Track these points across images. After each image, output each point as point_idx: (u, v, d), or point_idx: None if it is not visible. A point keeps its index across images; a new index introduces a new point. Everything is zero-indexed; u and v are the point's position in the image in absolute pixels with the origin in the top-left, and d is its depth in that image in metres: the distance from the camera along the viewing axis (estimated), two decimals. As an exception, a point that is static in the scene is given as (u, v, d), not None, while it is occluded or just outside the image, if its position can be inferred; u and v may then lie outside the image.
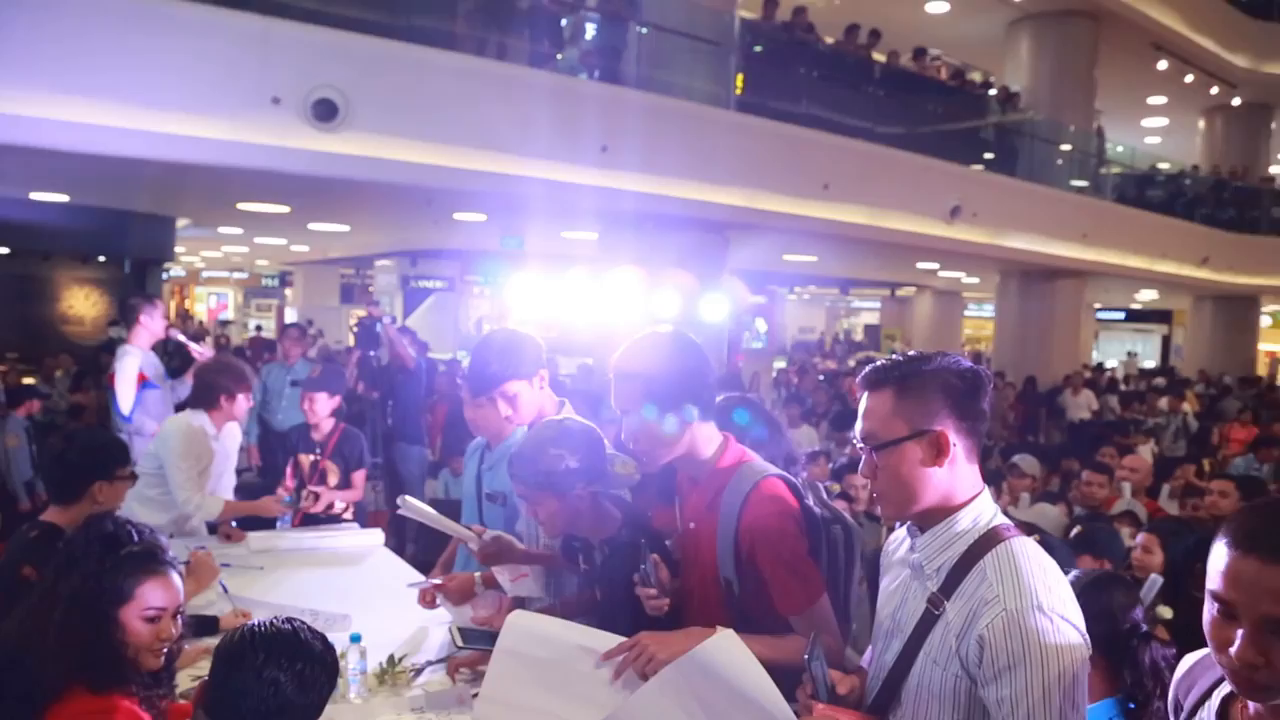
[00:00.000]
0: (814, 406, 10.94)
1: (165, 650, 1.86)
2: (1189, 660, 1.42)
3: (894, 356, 1.63)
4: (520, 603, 2.53)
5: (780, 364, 18.45)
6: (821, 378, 14.84)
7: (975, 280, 19.30)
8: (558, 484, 2.14)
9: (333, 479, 4.38)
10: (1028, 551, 1.52)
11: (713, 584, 2.00)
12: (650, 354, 2.01)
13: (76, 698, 1.71)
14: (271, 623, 1.54)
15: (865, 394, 1.62)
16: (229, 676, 1.46)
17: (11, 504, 6.85)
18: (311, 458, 4.41)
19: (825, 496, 2.16)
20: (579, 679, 1.87)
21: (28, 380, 9.96)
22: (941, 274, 18.41)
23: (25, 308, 14.39)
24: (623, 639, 1.88)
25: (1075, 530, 4.30)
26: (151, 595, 1.84)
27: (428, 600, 2.85)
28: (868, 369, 1.64)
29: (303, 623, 1.56)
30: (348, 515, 4.35)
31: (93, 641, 1.75)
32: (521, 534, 2.66)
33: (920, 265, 16.58)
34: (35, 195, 11.05)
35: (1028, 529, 4.26)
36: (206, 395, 4.03)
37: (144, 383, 5.13)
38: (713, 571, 1.99)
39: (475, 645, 2.31)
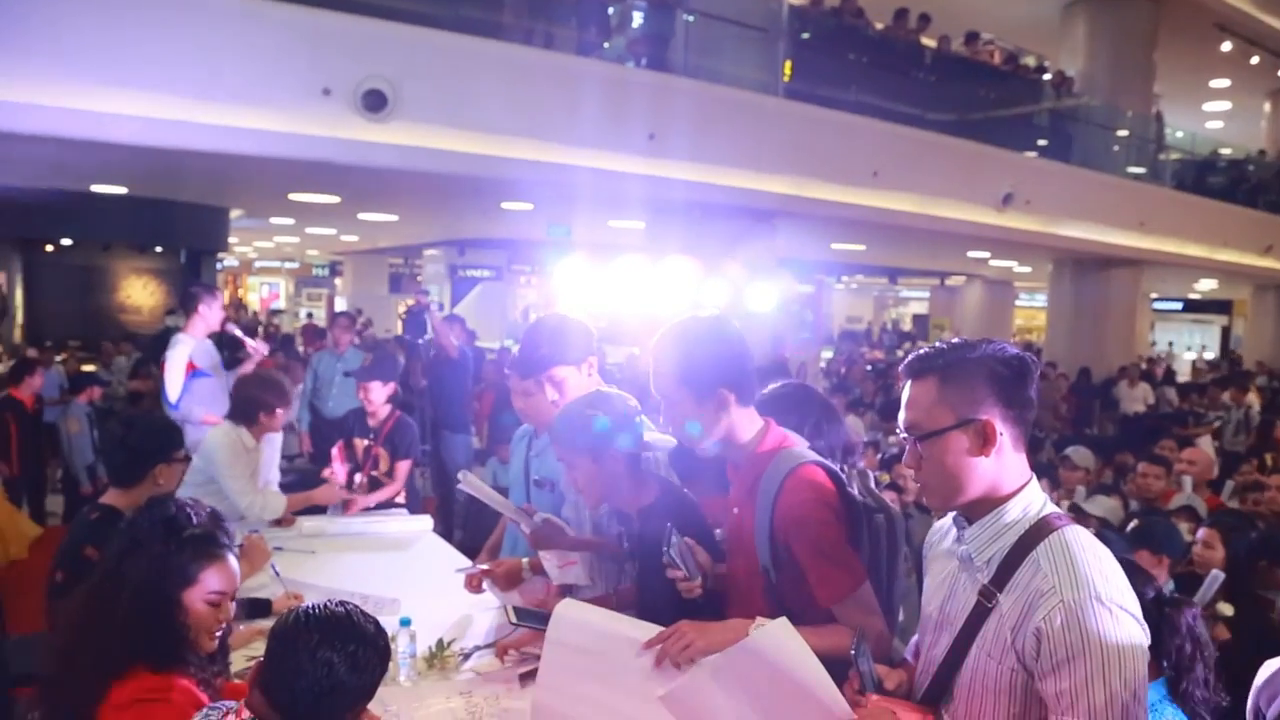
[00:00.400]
0: (861, 396, 10.83)
1: (220, 632, 1.91)
2: (1270, 667, 1.37)
3: (938, 344, 1.59)
4: (567, 590, 2.54)
5: (828, 354, 18.30)
6: (869, 368, 14.70)
7: (1027, 269, 18.95)
8: (593, 445, 2.16)
9: (383, 465, 4.43)
10: (1081, 540, 1.48)
11: (755, 572, 1.98)
12: (687, 338, 2.01)
13: (138, 675, 1.76)
14: (325, 605, 1.56)
15: (909, 383, 1.58)
16: (284, 656, 1.48)
17: (74, 487, 7.04)
18: (365, 442, 4.47)
19: (873, 485, 2.13)
20: (624, 669, 1.88)
21: (88, 368, 10.23)
22: (993, 263, 18.10)
23: (86, 298, 14.80)
24: (663, 629, 1.87)
25: (1132, 524, 4.20)
26: (213, 579, 1.89)
27: (474, 585, 2.87)
28: (911, 357, 1.61)
29: (355, 606, 1.58)
30: (400, 499, 4.40)
31: (158, 623, 1.80)
32: (569, 519, 2.66)
33: (971, 254, 16.30)
34: (96, 187, 11.34)
35: (1083, 517, 4.19)
36: (246, 411, 4.01)
37: (194, 371, 5.22)
38: (754, 559, 1.98)
39: (529, 623, 2.32)
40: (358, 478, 4.37)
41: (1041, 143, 13.26)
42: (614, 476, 2.20)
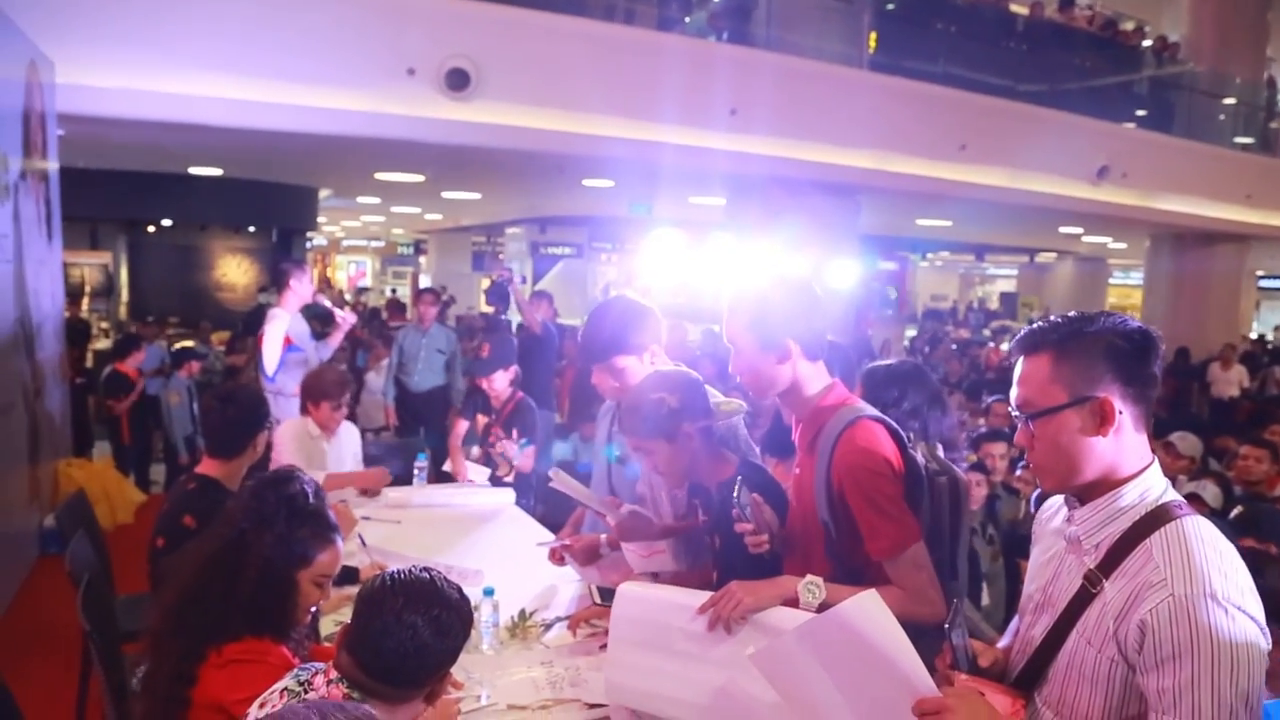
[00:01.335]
0: (946, 376, 10.60)
1: (315, 608, 1.98)
2: None
3: (1053, 318, 1.50)
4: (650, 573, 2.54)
5: (911, 332, 17.95)
6: (954, 347, 14.37)
7: (1122, 245, 18.24)
8: (664, 427, 2.15)
9: (499, 447, 4.45)
10: (1201, 533, 1.38)
11: (814, 527, 1.98)
12: (764, 286, 2.03)
13: (242, 638, 1.84)
14: (410, 570, 1.60)
15: (1021, 358, 1.50)
16: (371, 618, 1.52)
17: (173, 457, 7.36)
18: (485, 420, 4.55)
19: (940, 452, 2.10)
20: (684, 637, 1.91)
21: (187, 344, 10.66)
22: (1085, 239, 17.47)
23: (185, 276, 15.40)
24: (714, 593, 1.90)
25: (1236, 510, 4.02)
26: (325, 562, 1.95)
27: (557, 559, 2.90)
28: (1024, 331, 1.52)
29: (439, 573, 1.61)
30: (508, 478, 4.42)
31: (275, 599, 1.87)
32: (644, 496, 2.68)
33: (1063, 229, 15.76)
34: (193, 169, 11.77)
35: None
36: (301, 400, 4.13)
37: (289, 346, 5.38)
38: (813, 515, 1.97)
39: (611, 602, 2.33)
40: (474, 451, 4.45)
41: (1140, 113, 12.72)
42: (691, 454, 2.20)
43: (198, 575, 1.91)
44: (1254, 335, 18.70)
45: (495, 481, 4.39)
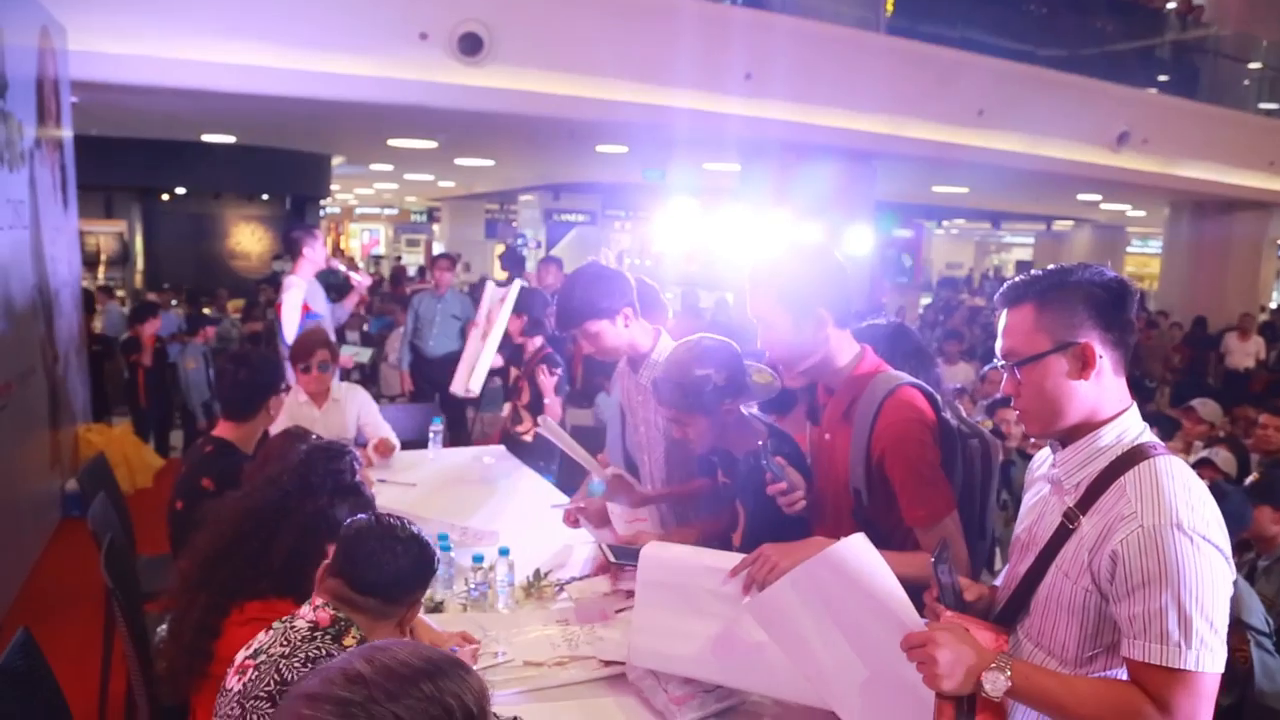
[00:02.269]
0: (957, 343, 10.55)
1: None
2: None
3: (1033, 272, 1.58)
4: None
5: (926, 300, 17.86)
6: (969, 314, 14.29)
7: (1141, 213, 18.06)
8: (707, 403, 2.15)
9: (525, 397, 4.62)
10: (1172, 470, 1.44)
11: (844, 496, 1.98)
12: (786, 259, 2.01)
13: (264, 597, 1.88)
14: (386, 514, 1.72)
15: (1005, 311, 1.57)
16: (358, 546, 1.64)
17: (191, 422, 7.44)
18: (515, 373, 4.74)
19: (964, 414, 2.10)
20: (712, 598, 1.93)
21: (204, 311, 10.72)
22: (1104, 206, 17.29)
23: (199, 244, 15.47)
24: (746, 555, 1.91)
25: (1251, 477, 4.01)
26: None
27: (571, 520, 2.93)
28: (1006, 285, 1.59)
29: (400, 520, 1.72)
30: (527, 436, 4.47)
31: (304, 566, 1.89)
32: (640, 444, 2.72)
33: (1081, 197, 15.60)
34: (206, 137, 11.77)
35: (1199, 469, 4.01)
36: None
37: (307, 313, 5.39)
38: (844, 483, 1.97)
39: (626, 561, 2.36)
40: (505, 407, 4.56)
41: (1163, 78, 12.53)
42: (725, 427, 2.21)
43: (234, 530, 1.95)
44: (1274, 305, 18.50)
45: (511, 442, 4.44)
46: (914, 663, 1.47)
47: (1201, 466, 4.22)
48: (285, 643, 1.54)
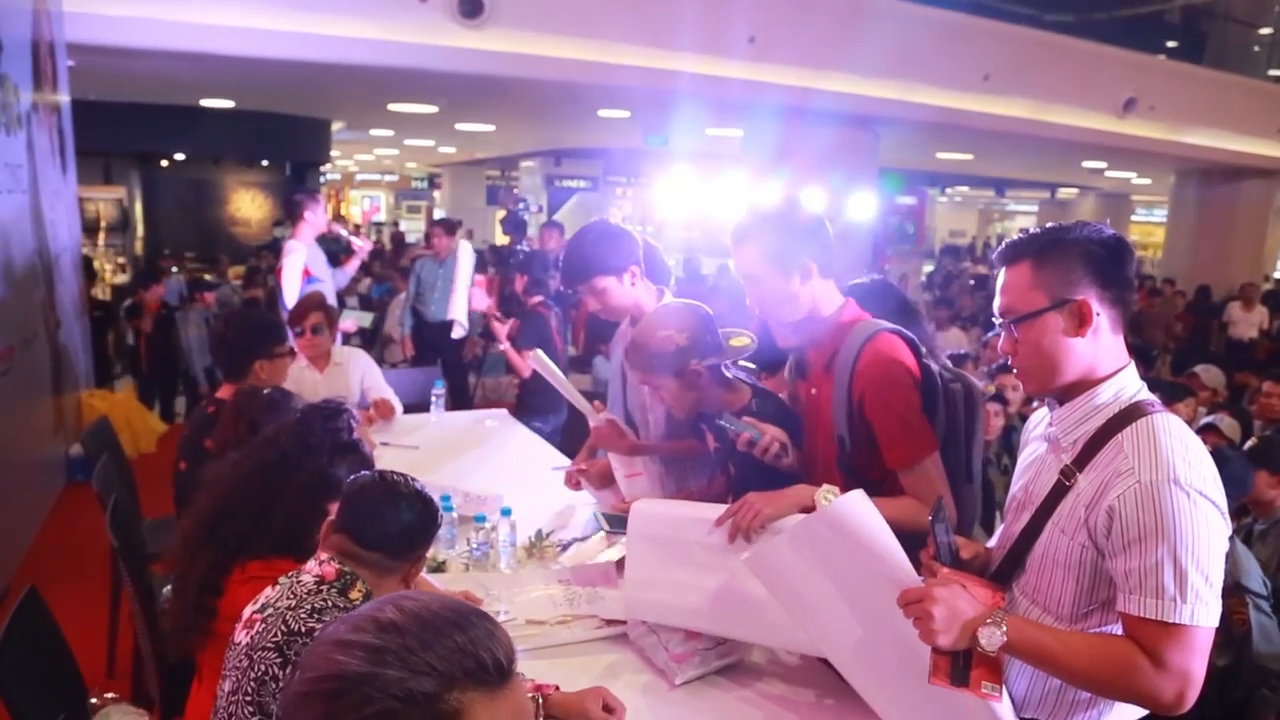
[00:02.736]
0: (959, 311, 10.56)
1: None
2: None
3: (1030, 230, 1.57)
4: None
5: (928, 268, 17.80)
6: (972, 282, 14.26)
7: (1146, 181, 17.96)
8: (672, 364, 2.16)
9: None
10: (1170, 427, 1.44)
11: (832, 447, 1.99)
12: (768, 214, 2.01)
13: (266, 557, 1.89)
14: (389, 471, 1.73)
15: (1003, 269, 1.57)
16: (362, 501, 1.65)
17: (193, 387, 7.46)
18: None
19: (947, 362, 2.11)
20: (701, 549, 1.95)
21: (205, 277, 10.71)
22: (1109, 174, 17.19)
23: (199, 211, 15.39)
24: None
25: (1250, 442, 4.01)
26: None
27: (573, 482, 2.94)
28: (1004, 243, 1.59)
29: (403, 476, 1.72)
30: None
31: (305, 525, 1.89)
32: (642, 404, 2.73)
33: (1086, 164, 15.49)
34: (205, 102, 11.67)
35: (1201, 434, 4.02)
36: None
37: (308, 278, 5.38)
38: (830, 432, 1.99)
39: (620, 530, 2.37)
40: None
41: (1171, 44, 12.39)
42: (700, 389, 2.21)
43: (234, 490, 1.96)
44: (1279, 274, 18.43)
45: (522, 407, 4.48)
46: (910, 618, 1.48)
47: (1205, 432, 4.22)
48: (292, 596, 1.55)
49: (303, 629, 1.48)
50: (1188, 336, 12.30)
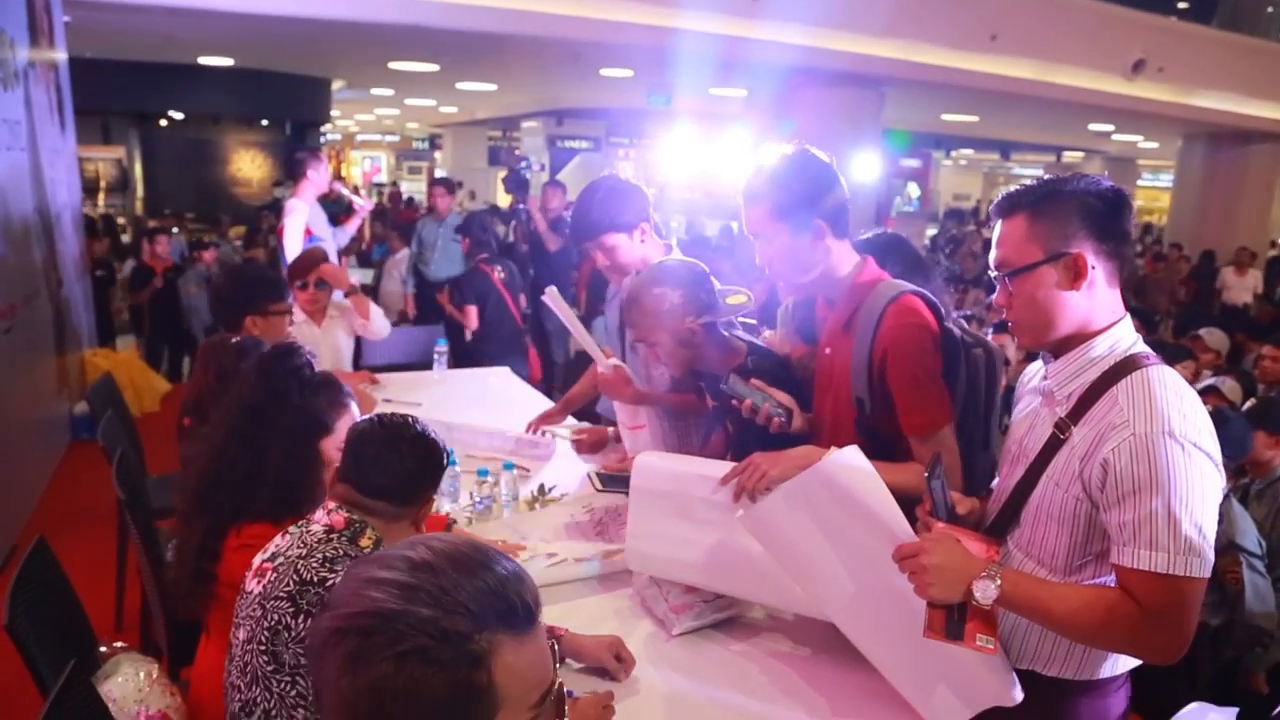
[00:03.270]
0: (962, 274, 10.54)
1: None
2: None
3: (1027, 183, 1.55)
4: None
5: (932, 231, 17.72)
6: (979, 246, 14.21)
7: (1154, 145, 17.82)
8: (665, 321, 2.14)
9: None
10: (1165, 379, 1.43)
11: (845, 409, 1.96)
12: (775, 171, 1.95)
13: (261, 523, 1.86)
14: (391, 414, 1.71)
15: (999, 222, 1.56)
16: (363, 449, 1.64)
17: (192, 346, 7.49)
18: None
19: (966, 325, 2.09)
20: (705, 506, 1.95)
21: (205, 238, 10.69)
22: (1116, 137, 17.04)
23: (199, 170, 15.29)
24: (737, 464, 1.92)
25: (1249, 403, 4.03)
26: (346, 426, 1.97)
27: (534, 427, 3.08)
28: (1001, 195, 1.57)
29: (414, 417, 1.71)
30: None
31: (302, 476, 1.89)
32: (648, 362, 2.72)
33: (1092, 127, 15.36)
34: (203, 59, 11.56)
35: (1202, 395, 4.02)
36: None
37: (310, 237, 5.36)
38: (845, 396, 1.95)
39: (613, 488, 2.36)
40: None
41: (1181, 4, 12.24)
42: (695, 347, 2.19)
43: (218, 457, 1.93)
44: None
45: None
46: (905, 573, 1.49)
47: (1206, 394, 4.23)
48: (302, 545, 1.56)
49: (315, 578, 1.49)
50: (1190, 302, 12.26)
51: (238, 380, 2.06)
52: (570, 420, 3.26)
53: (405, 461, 1.62)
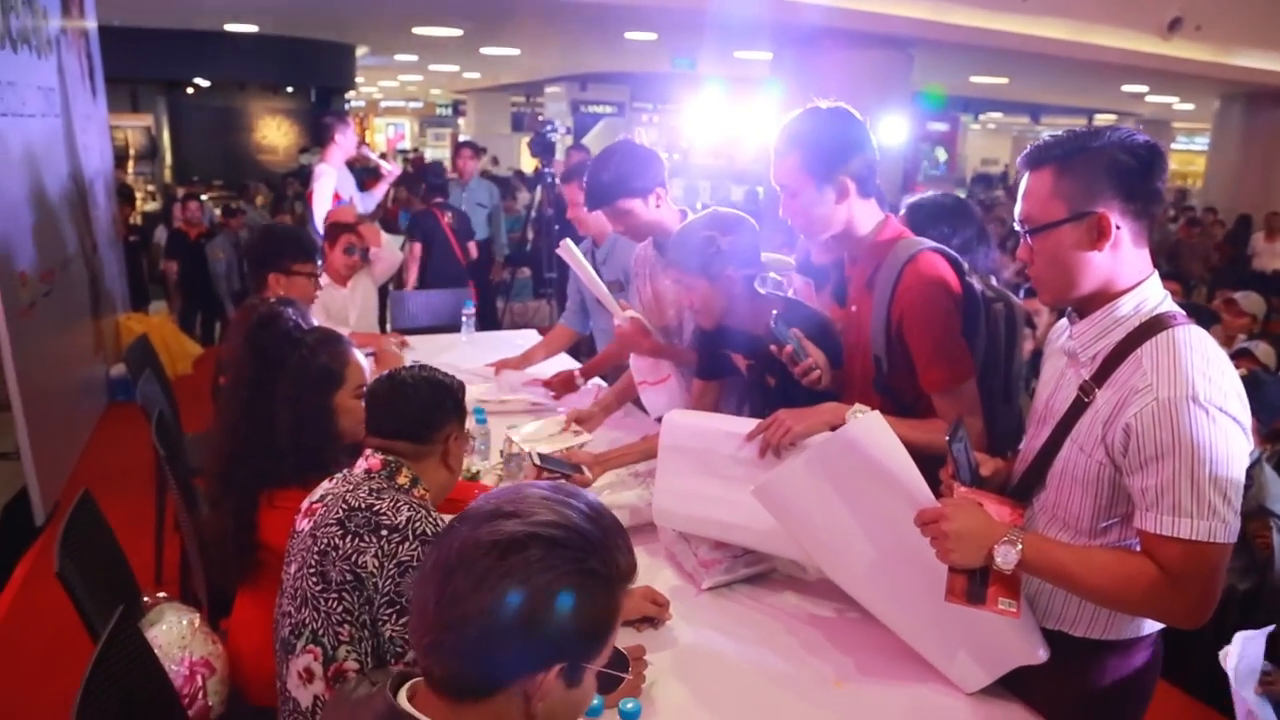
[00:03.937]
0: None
1: None
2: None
3: (1059, 133, 1.50)
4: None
5: (960, 195, 17.49)
6: (1009, 213, 14.04)
7: (1189, 107, 17.45)
8: (708, 265, 2.15)
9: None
10: (1191, 341, 1.39)
11: (870, 367, 1.98)
12: (806, 125, 1.95)
13: (290, 488, 1.90)
14: (408, 366, 1.80)
15: (1027, 174, 1.51)
16: (380, 399, 1.74)
17: (221, 310, 7.59)
18: None
19: (993, 281, 2.08)
20: (730, 462, 1.97)
21: (233, 205, 10.77)
22: (1150, 99, 16.70)
23: (226, 138, 15.39)
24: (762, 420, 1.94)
25: (1282, 366, 3.98)
26: (356, 371, 2.02)
27: (496, 369, 3.32)
28: (1030, 147, 1.52)
29: (433, 367, 1.79)
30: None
31: (319, 437, 1.93)
32: (667, 328, 2.77)
33: (1126, 88, 15.06)
34: (229, 26, 11.58)
35: (1237, 359, 3.98)
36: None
37: (338, 201, 5.40)
38: (868, 352, 1.97)
39: (551, 468, 2.31)
40: None
41: (1221, -42, 11.86)
42: (730, 298, 2.19)
43: (230, 435, 1.97)
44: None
45: None
46: (927, 538, 1.50)
47: (1239, 358, 4.18)
48: (347, 483, 1.65)
49: (362, 505, 1.58)
50: (1225, 267, 12.03)
51: (233, 357, 2.10)
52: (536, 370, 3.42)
53: (411, 402, 1.71)
